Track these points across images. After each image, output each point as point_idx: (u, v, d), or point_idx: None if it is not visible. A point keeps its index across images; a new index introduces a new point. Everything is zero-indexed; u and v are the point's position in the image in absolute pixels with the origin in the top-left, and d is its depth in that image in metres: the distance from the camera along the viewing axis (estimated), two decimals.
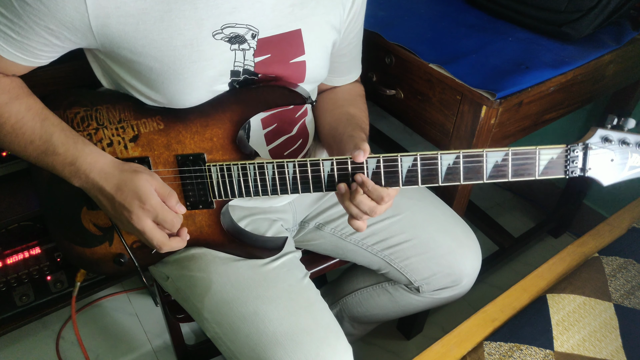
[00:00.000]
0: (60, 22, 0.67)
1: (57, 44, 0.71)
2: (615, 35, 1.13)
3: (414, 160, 0.74)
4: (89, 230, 0.87)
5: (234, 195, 0.81)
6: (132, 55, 0.72)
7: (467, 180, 0.75)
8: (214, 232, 0.86)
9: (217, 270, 0.85)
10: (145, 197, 0.73)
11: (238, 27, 0.74)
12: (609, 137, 0.73)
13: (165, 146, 0.80)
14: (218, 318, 0.83)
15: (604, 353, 0.87)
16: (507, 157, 0.73)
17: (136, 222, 0.75)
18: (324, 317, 0.84)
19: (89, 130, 0.80)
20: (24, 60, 0.71)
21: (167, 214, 0.76)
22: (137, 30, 0.69)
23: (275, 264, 0.87)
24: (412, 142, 2.14)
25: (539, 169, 0.74)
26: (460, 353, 0.87)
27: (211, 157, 0.80)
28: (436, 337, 0.89)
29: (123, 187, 0.74)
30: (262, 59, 0.78)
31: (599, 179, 0.75)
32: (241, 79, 0.78)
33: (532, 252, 1.74)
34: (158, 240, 0.77)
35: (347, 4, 0.86)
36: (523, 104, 1.01)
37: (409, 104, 1.12)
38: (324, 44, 0.85)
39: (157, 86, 0.75)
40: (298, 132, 0.93)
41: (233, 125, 0.78)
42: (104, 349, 1.37)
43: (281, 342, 0.78)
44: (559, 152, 0.73)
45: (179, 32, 0.71)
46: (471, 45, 1.08)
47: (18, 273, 1.25)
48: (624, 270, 1.01)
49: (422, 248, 0.98)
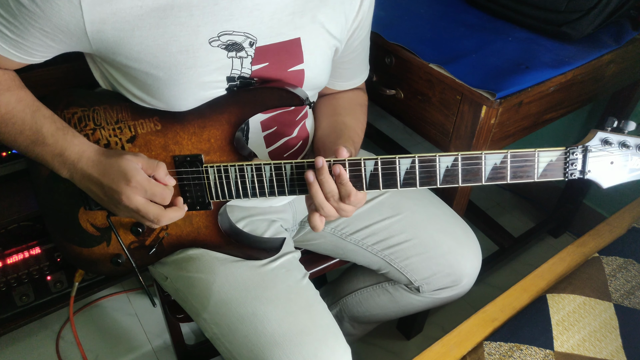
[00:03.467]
0: (55, 26, 0.67)
1: (52, 45, 0.71)
2: (615, 35, 1.13)
3: (412, 163, 0.74)
4: (87, 230, 0.87)
5: (232, 197, 0.81)
6: (128, 61, 0.72)
7: (466, 183, 0.74)
8: (212, 233, 0.85)
9: (216, 271, 0.85)
10: (130, 175, 0.73)
11: (235, 34, 0.74)
12: (609, 139, 0.72)
13: (162, 147, 0.80)
14: (216, 319, 0.83)
15: (604, 353, 0.87)
16: (505, 160, 0.73)
17: (127, 202, 0.74)
18: (323, 317, 0.83)
19: (86, 131, 0.80)
20: (18, 57, 0.72)
21: (155, 188, 0.75)
22: (132, 36, 0.69)
23: (274, 265, 0.87)
24: (412, 142, 2.14)
25: (537, 172, 0.74)
26: (460, 353, 0.87)
27: (209, 159, 0.80)
28: (436, 337, 0.89)
29: (109, 170, 0.74)
30: (259, 67, 0.78)
31: (598, 181, 0.75)
32: (237, 84, 0.78)
33: (532, 252, 1.74)
34: (154, 214, 0.76)
35: (350, 13, 0.85)
36: (523, 104, 1.01)
37: (409, 104, 1.12)
38: (324, 53, 0.84)
39: (152, 91, 0.75)
40: (298, 135, 0.93)
41: (230, 126, 0.78)
42: (103, 349, 1.37)
43: (280, 343, 0.78)
44: (558, 155, 0.73)
45: (174, 38, 0.71)
46: (471, 45, 1.08)
47: (18, 273, 1.25)
48: (624, 270, 1.01)
49: (422, 248, 0.98)
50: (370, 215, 1.00)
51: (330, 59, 0.87)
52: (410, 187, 0.75)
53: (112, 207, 0.78)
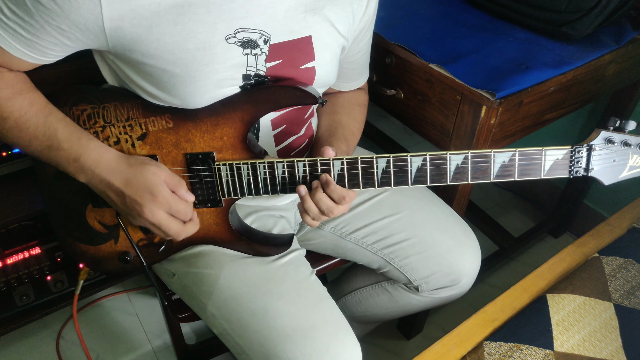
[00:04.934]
0: (72, 23, 0.67)
1: (67, 44, 0.70)
2: (615, 35, 1.13)
3: (423, 160, 0.76)
4: (94, 227, 0.87)
5: (243, 194, 0.82)
6: (144, 58, 0.72)
7: (475, 180, 0.77)
8: (222, 230, 0.86)
9: (225, 266, 0.86)
10: (156, 191, 0.74)
11: (251, 32, 0.74)
12: (612, 138, 0.76)
13: (174, 144, 0.80)
14: (227, 314, 0.84)
15: (604, 353, 0.87)
16: (514, 158, 0.76)
17: (150, 216, 0.75)
18: (332, 312, 0.84)
19: (95, 128, 0.79)
20: (32, 57, 0.71)
21: (179, 205, 0.76)
22: (150, 33, 0.69)
23: (283, 261, 0.87)
24: (412, 142, 2.14)
25: (544, 169, 0.77)
26: (460, 353, 0.87)
27: (221, 156, 0.80)
28: (436, 337, 0.89)
29: (132, 181, 0.74)
30: (273, 65, 0.78)
31: (601, 178, 0.78)
32: (252, 82, 0.78)
33: (532, 252, 1.74)
34: (175, 230, 0.77)
35: (357, 12, 0.86)
36: (523, 104, 1.01)
37: (409, 104, 1.12)
38: (333, 51, 0.85)
39: (168, 88, 0.75)
40: (305, 133, 0.93)
41: (244, 124, 0.78)
42: (104, 349, 1.37)
43: (292, 337, 0.79)
44: (564, 153, 0.76)
45: (192, 35, 0.71)
46: (471, 45, 1.08)
47: (18, 273, 1.25)
48: (624, 270, 1.01)
49: (422, 247, 0.98)
50: (370, 214, 1.01)
51: (338, 57, 0.88)
52: (420, 184, 0.78)
53: (127, 215, 0.78)
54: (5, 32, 0.67)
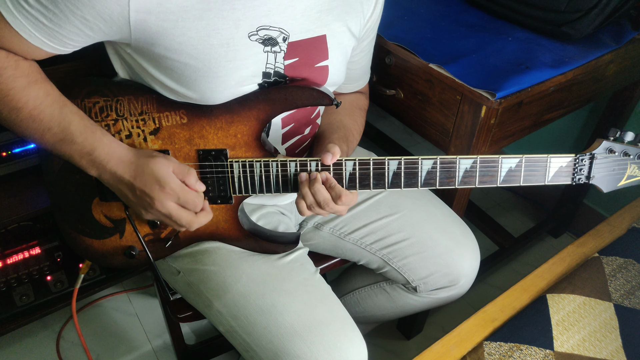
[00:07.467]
0: (97, 14, 0.66)
1: (88, 34, 0.69)
2: (615, 35, 1.13)
3: (434, 164, 0.78)
4: (100, 221, 0.87)
5: (254, 192, 0.82)
6: (167, 52, 0.72)
7: (482, 184, 0.80)
8: (231, 227, 0.86)
9: (233, 264, 0.86)
10: (164, 181, 0.74)
11: (272, 29, 0.75)
12: (613, 148, 0.80)
13: (187, 140, 0.80)
14: (234, 311, 0.84)
15: (604, 353, 0.87)
16: (520, 164, 0.79)
17: (160, 207, 0.75)
18: (339, 309, 0.85)
19: (107, 121, 0.79)
20: (49, 47, 0.70)
21: (188, 195, 0.76)
22: (175, 27, 0.69)
23: (289, 259, 0.88)
24: (412, 142, 2.14)
25: (548, 176, 0.80)
26: (460, 353, 0.87)
27: (233, 154, 0.80)
28: (436, 337, 0.89)
29: (141, 173, 0.74)
30: (291, 62, 0.79)
31: (600, 186, 0.82)
32: (271, 81, 0.79)
33: (532, 252, 1.74)
34: (186, 220, 0.77)
35: (367, 12, 0.87)
36: (523, 104, 1.01)
37: (409, 104, 1.12)
38: (345, 50, 0.86)
39: (189, 83, 0.75)
40: (310, 132, 0.94)
41: (259, 123, 0.79)
42: (104, 349, 1.37)
43: (300, 334, 0.79)
44: (568, 161, 0.80)
45: (216, 31, 0.71)
46: (471, 45, 1.08)
47: (18, 273, 1.25)
48: (624, 270, 1.01)
49: (420, 247, 0.98)
50: (369, 214, 1.01)
51: (348, 56, 0.89)
52: (430, 187, 0.80)
53: (140, 210, 0.78)
54: (27, 20, 0.66)
